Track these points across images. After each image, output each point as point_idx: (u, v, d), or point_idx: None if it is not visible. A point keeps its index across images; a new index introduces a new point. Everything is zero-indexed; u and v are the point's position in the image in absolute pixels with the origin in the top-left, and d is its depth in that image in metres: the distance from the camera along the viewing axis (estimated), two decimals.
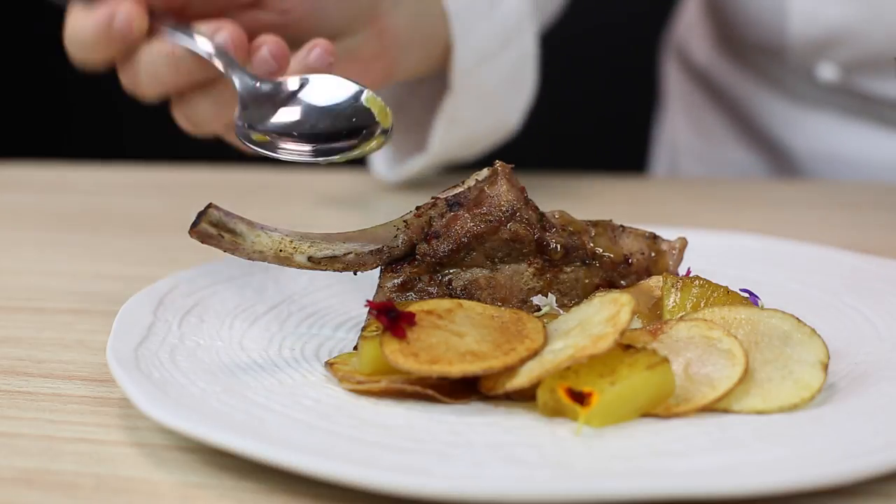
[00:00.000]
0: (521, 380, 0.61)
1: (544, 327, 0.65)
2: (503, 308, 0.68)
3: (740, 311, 0.66)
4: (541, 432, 0.59)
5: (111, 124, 2.18)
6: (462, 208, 0.72)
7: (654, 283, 0.72)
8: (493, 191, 0.72)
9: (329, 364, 0.68)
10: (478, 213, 0.72)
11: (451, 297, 0.71)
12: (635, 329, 0.66)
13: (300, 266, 0.70)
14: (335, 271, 0.71)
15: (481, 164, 0.75)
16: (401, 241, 0.71)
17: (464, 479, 0.52)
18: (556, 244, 0.72)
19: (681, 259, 0.77)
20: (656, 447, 0.57)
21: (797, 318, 0.65)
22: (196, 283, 0.80)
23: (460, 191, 0.73)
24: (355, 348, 0.70)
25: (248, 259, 0.69)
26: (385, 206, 1.23)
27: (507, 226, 0.72)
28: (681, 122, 1.59)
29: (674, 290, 0.70)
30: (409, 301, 0.70)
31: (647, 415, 0.60)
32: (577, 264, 0.74)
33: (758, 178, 1.46)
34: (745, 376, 0.62)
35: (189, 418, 0.57)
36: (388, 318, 0.64)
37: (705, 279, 0.71)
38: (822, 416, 0.60)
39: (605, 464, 0.55)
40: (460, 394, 0.63)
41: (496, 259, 0.72)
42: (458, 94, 1.11)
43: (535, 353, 0.62)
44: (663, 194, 1.32)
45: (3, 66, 2.19)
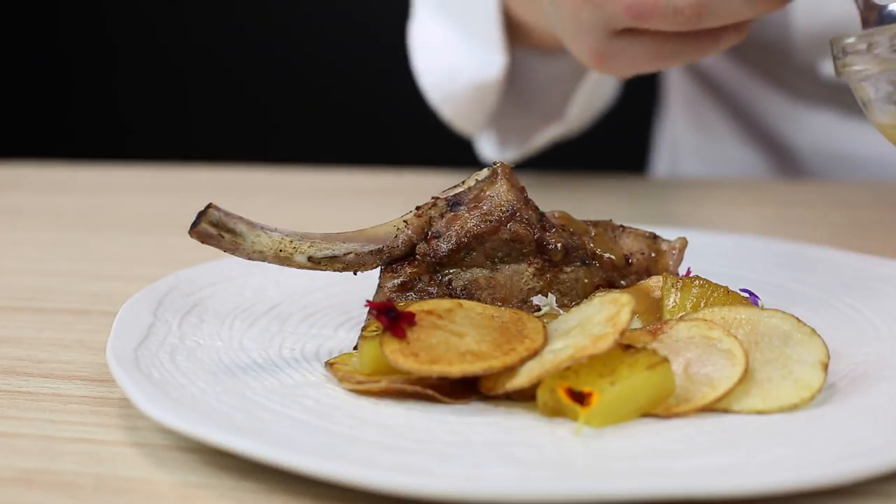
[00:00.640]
0: (521, 380, 0.61)
1: (544, 327, 0.65)
2: (503, 308, 0.68)
3: (740, 311, 0.66)
4: (541, 432, 0.59)
5: (111, 124, 2.19)
6: (462, 208, 0.72)
7: (654, 283, 0.72)
8: (493, 191, 0.72)
9: (329, 364, 0.68)
10: (478, 213, 0.72)
11: (451, 297, 0.71)
12: (635, 329, 0.66)
13: (300, 266, 0.70)
14: (335, 271, 0.71)
15: (481, 165, 0.75)
16: (401, 241, 0.71)
17: (464, 479, 0.52)
18: (556, 244, 0.72)
19: (681, 259, 0.77)
20: (656, 447, 0.57)
21: (797, 318, 0.65)
22: (196, 283, 0.80)
23: (460, 191, 0.73)
24: (355, 348, 0.70)
25: (248, 259, 0.69)
26: (385, 206, 1.23)
27: (507, 226, 0.72)
28: (682, 120, 1.59)
29: (674, 290, 0.70)
30: (409, 301, 0.70)
31: (647, 415, 0.60)
32: (577, 264, 0.74)
33: (757, 178, 1.46)
34: (745, 376, 0.62)
35: (189, 418, 0.57)
36: (388, 318, 0.64)
37: (705, 279, 0.71)
38: (822, 416, 0.60)
39: (605, 464, 0.55)
40: (460, 394, 0.63)
41: (496, 259, 0.72)
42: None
43: (535, 353, 0.62)
44: (663, 194, 1.32)
45: (3, 66, 2.19)
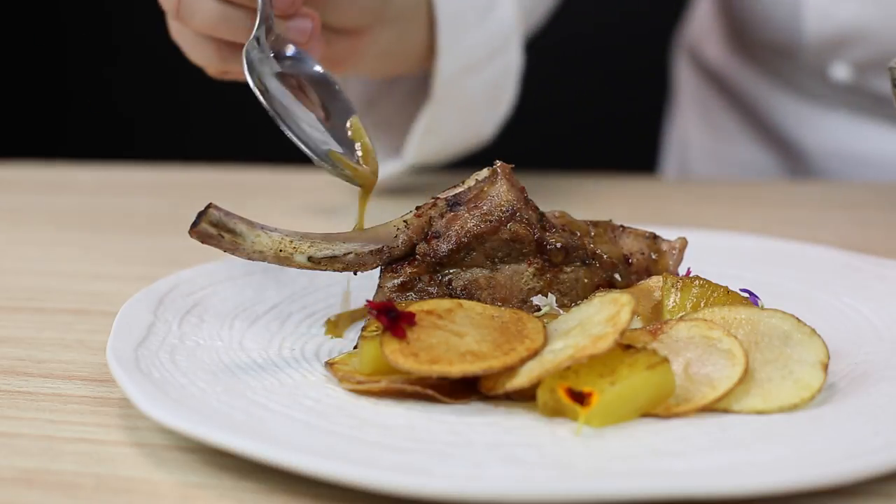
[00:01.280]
0: (521, 380, 0.61)
1: (544, 327, 0.65)
2: (503, 308, 0.68)
3: (740, 311, 0.66)
4: (541, 432, 0.59)
5: (111, 124, 2.18)
6: (462, 208, 0.72)
7: (654, 283, 0.72)
8: (493, 191, 0.72)
9: (329, 364, 0.68)
10: (478, 213, 0.72)
11: (451, 297, 0.71)
12: (635, 329, 0.66)
13: (300, 266, 0.70)
14: (335, 271, 0.71)
15: (481, 164, 0.75)
16: (401, 241, 0.71)
17: (464, 479, 0.52)
18: (556, 244, 0.72)
19: (681, 259, 0.77)
20: (656, 447, 0.57)
21: (797, 318, 0.65)
22: (196, 283, 0.80)
23: (460, 191, 0.73)
24: (355, 348, 0.70)
25: (248, 259, 0.69)
26: (385, 206, 1.23)
27: (507, 226, 0.71)
28: (692, 121, 1.59)
29: (674, 290, 0.70)
30: (409, 301, 0.70)
31: (647, 415, 0.61)
32: (577, 264, 0.74)
33: (758, 179, 1.46)
34: (745, 376, 0.62)
35: (189, 418, 0.57)
36: (388, 318, 0.64)
37: (705, 279, 0.71)
38: (822, 416, 0.60)
39: (605, 464, 0.55)
40: (460, 394, 0.63)
41: (496, 259, 0.72)
42: (439, 104, 1.08)
43: (535, 353, 0.62)
44: (664, 195, 1.32)
45: (4, 66, 2.19)
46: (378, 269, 0.72)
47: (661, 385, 0.60)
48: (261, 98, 0.76)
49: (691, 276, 0.72)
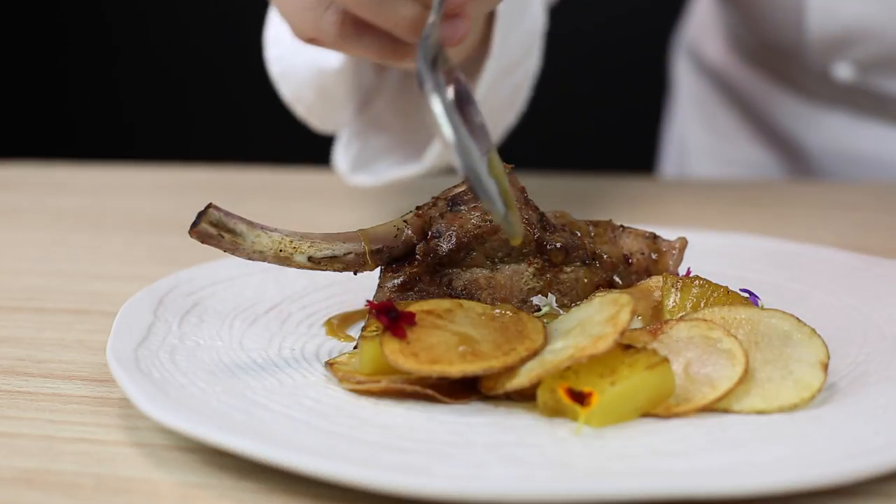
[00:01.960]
0: (521, 380, 0.61)
1: (544, 327, 0.65)
2: (503, 308, 0.68)
3: (740, 311, 0.66)
4: (541, 432, 0.59)
5: (111, 124, 2.18)
6: (462, 208, 0.72)
7: (654, 283, 0.72)
8: None
9: (329, 364, 0.68)
10: (478, 213, 0.72)
11: (451, 297, 0.71)
12: (635, 329, 0.66)
13: (300, 266, 0.70)
14: (335, 271, 0.71)
15: None
16: (401, 241, 0.71)
17: (464, 479, 0.53)
18: (556, 244, 0.72)
19: (681, 259, 0.77)
20: (656, 447, 0.57)
21: (797, 318, 0.65)
22: (196, 283, 0.80)
23: (460, 191, 0.73)
24: (355, 348, 0.70)
25: (248, 259, 0.69)
26: (385, 206, 1.23)
27: None
28: (692, 120, 1.58)
29: (674, 290, 0.70)
30: (409, 301, 0.70)
31: (647, 415, 0.61)
32: (577, 264, 0.74)
33: (758, 179, 1.46)
34: (745, 376, 0.62)
35: (189, 418, 0.57)
36: (388, 318, 0.64)
37: (705, 279, 0.71)
38: (822, 416, 0.60)
39: (605, 464, 0.55)
40: (460, 394, 0.63)
41: (496, 259, 0.72)
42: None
43: (535, 353, 0.62)
44: (664, 195, 1.32)
45: (4, 66, 2.19)
46: (378, 269, 0.72)
47: (661, 385, 0.60)
48: (436, 99, 0.61)
49: (691, 276, 0.72)
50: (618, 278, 0.75)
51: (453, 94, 0.66)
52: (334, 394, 0.64)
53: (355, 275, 0.72)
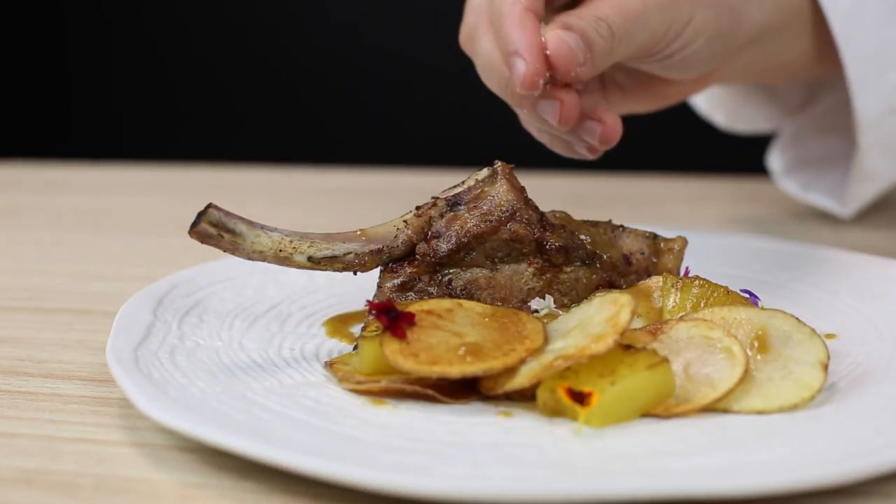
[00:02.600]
0: (521, 380, 0.61)
1: (544, 327, 0.65)
2: (503, 308, 0.68)
3: (740, 311, 0.66)
4: (541, 432, 0.59)
5: (110, 124, 2.18)
6: (462, 208, 0.72)
7: (654, 283, 0.72)
8: (493, 191, 0.72)
9: (329, 364, 0.68)
10: (478, 213, 0.72)
11: (451, 297, 0.71)
12: (635, 329, 0.66)
13: (300, 266, 0.70)
14: (335, 271, 0.71)
15: (481, 164, 0.75)
16: (401, 241, 0.71)
17: (464, 479, 0.52)
18: (556, 244, 0.72)
19: (681, 259, 0.77)
20: (656, 447, 0.57)
21: (797, 318, 0.65)
22: (196, 283, 0.80)
23: (460, 191, 0.73)
24: (355, 348, 0.70)
25: (248, 259, 0.69)
26: (385, 206, 1.23)
27: (507, 226, 0.71)
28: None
29: (674, 290, 0.70)
30: (409, 301, 0.70)
31: (647, 415, 0.60)
32: (577, 264, 0.74)
33: (757, 178, 1.46)
34: (745, 376, 0.62)
35: (189, 418, 0.57)
36: (388, 318, 0.63)
37: (705, 279, 0.70)
38: (822, 416, 0.60)
39: (605, 464, 0.55)
40: (460, 394, 0.63)
41: (496, 259, 0.72)
42: (868, 151, 0.99)
43: (534, 353, 0.62)
44: (664, 195, 1.32)
45: (3, 66, 2.19)
46: (378, 269, 0.72)
47: (661, 385, 0.60)
48: None
49: (691, 276, 0.72)
50: (618, 278, 0.75)
51: None
52: (334, 394, 0.64)
53: (355, 275, 0.72)
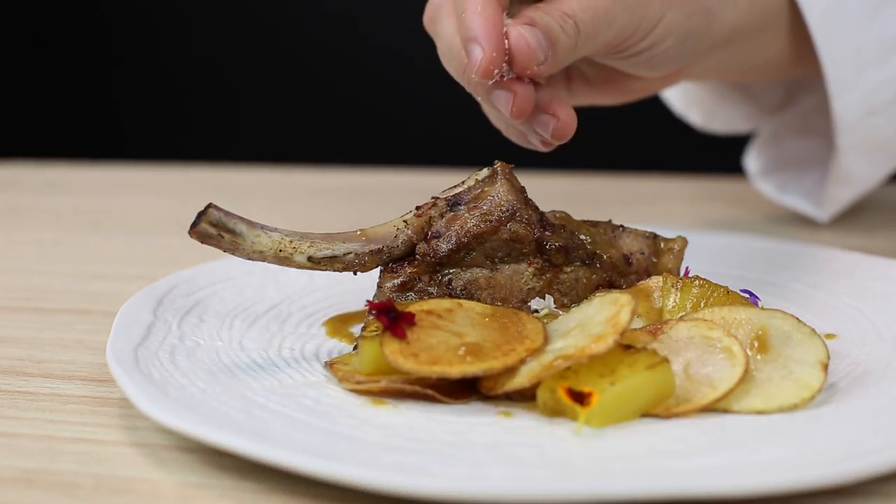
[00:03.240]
0: (521, 380, 0.61)
1: (544, 327, 0.65)
2: (503, 308, 0.68)
3: (740, 311, 0.66)
4: (541, 432, 0.59)
5: (110, 124, 2.18)
6: (462, 208, 0.72)
7: (654, 283, 0.72)
8: (493, 191, 0.72)
9: (329, 364, 0.68)
10: (478, 213, 0.72)
11: (451, 297, 0.71)
12: (635, 329, 0.66)
13: (300, 266, 0.70)
14: (335, 271, 0.71)
15: (481, 164, 0.75)
16: (401, 241, 0.71)
17: (464, 479, 0.52)
18: (556, 244, 0.72)
19: (681, 259, 0.77)
20: (656, 447, 0.57)
21: (797, 318, 0.65)
22: (196, 283, 0.80)
23: (460, 191, 0.73)
24: (355, 348, 0.70)
25: (248, 259, 0.69)
26: (385, 206, 1.23)
27: (507, 226, 0.71)
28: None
29: (674, 290, 0.70)
30: (409, 301, 0.70)
31: (647, 415, 0.60)
32: (577, 264, 0.74)
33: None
34: (745, 376, 0.62)
35: (189, 418, 0.57)
36: (388, 318, 0.63)
37: (705, 279, 0.70)
38: (822, 416, 0.60)
39: (605, 464, 0.55)
40: (460, 394, 0.63)
41: (496, 259, 0.72)
42: (845, 153, 0.98)
43: (534, 353, 0.62)
44: (664, 195, 1.32)
45: (3, 66, 2.19)
46: (378, 269, 0.72)
47: (661, 385, 0.60)
48: None
49: (691, 276, 0.72)
50: (618, 278, 0.75)
51: None
52: (334, 394, 0.64)
53: (355, 275, 0.72)
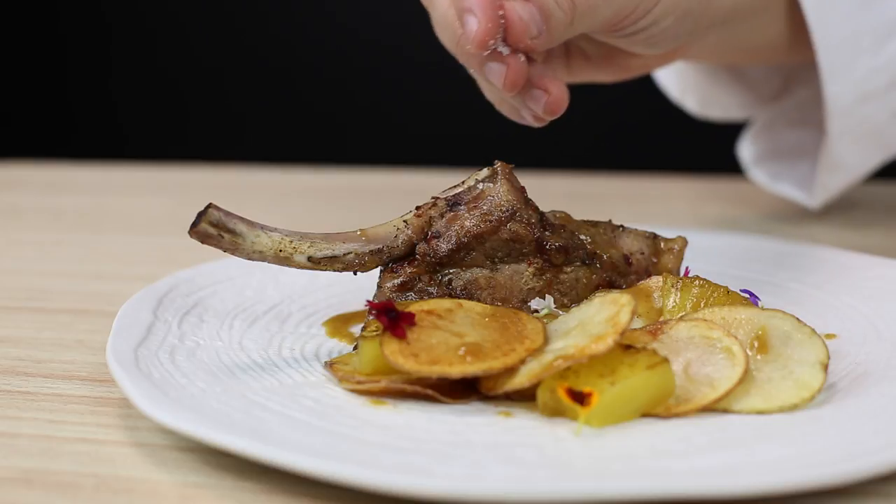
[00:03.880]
0: (521, 380, 0.61)
1: (544, 327, 0.65)
2: (503, 308, 0.68)
3: (740, 311, 0.66)
4: (541, 432, 0.59)
5: (111, 124, 2.18)
6: (462, 208, 0.72)
7: (654, 283, 0.72)
8: (493, 191, 0.72)
9: (329, 364, 0.68)
10: (478, 213, 0.72)
11: (451, 297, 0.71)
12: (635, 329, 0.66)
13: (300, 266, 0.70)
14: (335, 271, 0.71)
15: (481, 164, 0.75)
16: (401, 241, 0.71)
17: (464, 479, 0.52)
18: (556, 244, 0.72)
19: (681, 259, 0.77)
20: (656, 447, 0.57)
21: (797, 318, 0.65)
22: (196, 283, 0.80)
23: (460, 191, 0.73)
24: (355, 348, 0.70)
25: (248, 259, 0.69)
26: (385, 206, 1.23)
27: (507, 226, 0.71)
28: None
29: (674, 290, 0.70)
30: (409, 301, 0.70)
31: (647, 415, 0.60)
32: (577, 264, 0.74)
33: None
34: (745, 376, 0.62)
35: (189, 418, 0.57)
36: (388, 318, 0.63)
37: (705, 279, 0.71)
38: (822, 416, 0.60)
39: (605, 464, 0.55)
40: (460, 394, 0.63)
41: (496, 259, 0.72)
42: (837, 139, 0.98)
43: (534, 353, 0.62)
44: (664, 195, 1.32)
45: (4, 66, 2.19)
46: (378, 269, 0.72)
47: (661, 385, 0.60)
48: None
49: (691, 276, 0.72)
50: (618, 278, 0.75)
51: None
52: (334, 394, 0.64)
53: (355, 275, 0.72)
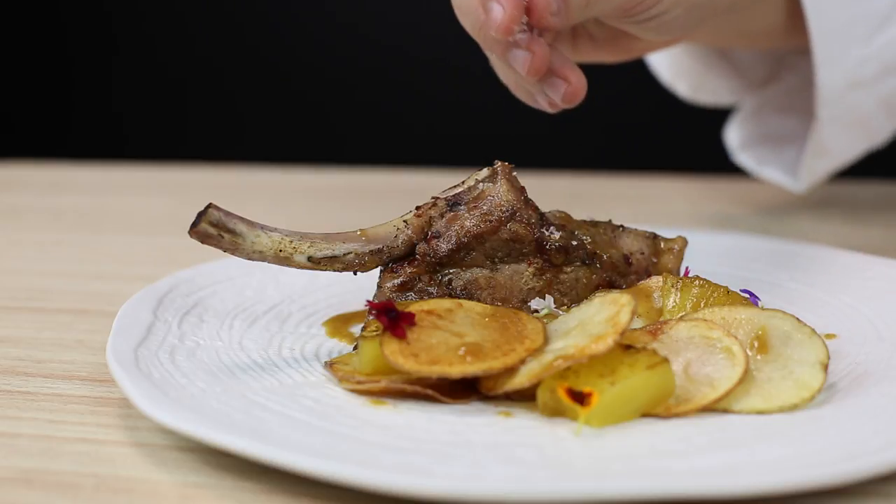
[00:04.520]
0: (521, 380, 0.61)
1: (544, 327, 0.65)
2: (503, 308, 0.68)
3: (740, 311, 0.66)
4: (541, 432, 0.59)
5: (111, 124, 2.18)
6: (462, 208, 0.72)
7: (654, 283, 0.72)
8: (493, 191, 0.72)
9: (329, 364, 0.68)
10: (478, 213, 0.72)
11: (451, 297, 0.71)
12: (635, 329, 0.66)
13: (300, 266, 0.70)
14: (335, 271, 0.71)
15: (481, 164, 0.75)
16: (401, 241, 0.71)
17: (464, 479, 0.52)
18: (556, 244, 0.72)
19: (681, 259, 0.77)
20: (656, 447, 0.57)
21: (797, 318, 0.65)
22: (196, 283, 0.80)
23: (460, 191, 0.73)
24: (355, 348, 0.70)
25: (248, 259, 0.69)
26: (385, 206, 1.23)
27: (507, 226, 0.71)
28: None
29: (674, 290, 0.70)
30: (409, 301, 0.70)
31: (647, 415, 0.60)
32: (577, 264, 0.74)
33: (757, 179, 1.46)
34: (745, 376, 0.62)
35: (189, 418, 0.57)
36: (388, 318, 0.63)
37: (705, 279, 0.71)
38: (822, 416, 0.60)
39: (605, 464, 0.55)
40: (460, 394, 0.63)
41: (496, 259, 0.72)
42: (826, 124, 0.99)
43: (534, 353, 0.62)
44: (664, 195, 1.32)
45: (4, 65, 2.19)
46: (378, 269, 0.72)
47: (661, 385, 0.60)
48: None
49: (691, 276, 0.72)
50: (618, 278, 0.75)
51: None
52: (334, 394, 0.64)
53: (355, 275, 0.72)
